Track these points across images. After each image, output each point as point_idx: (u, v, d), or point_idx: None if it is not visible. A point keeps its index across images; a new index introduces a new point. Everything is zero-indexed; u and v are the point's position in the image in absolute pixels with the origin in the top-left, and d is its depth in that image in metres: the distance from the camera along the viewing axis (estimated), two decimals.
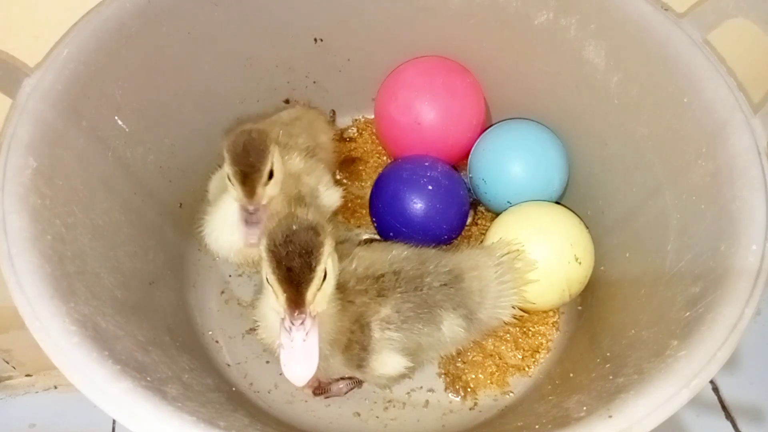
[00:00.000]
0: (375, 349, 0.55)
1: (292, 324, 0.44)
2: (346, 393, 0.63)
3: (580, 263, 0.63)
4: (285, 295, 0.45)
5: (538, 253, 0.62)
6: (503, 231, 0.65)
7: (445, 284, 0.57)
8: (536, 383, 0.64)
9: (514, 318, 0.63)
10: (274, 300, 0.46)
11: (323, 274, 0.46)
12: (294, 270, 0.45)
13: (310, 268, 0.45)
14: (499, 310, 0.61)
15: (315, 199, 0.62)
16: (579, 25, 0.59)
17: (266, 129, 0.57)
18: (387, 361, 0.55)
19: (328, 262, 0.46)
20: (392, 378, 0.58)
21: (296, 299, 0.45)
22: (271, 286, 0.46)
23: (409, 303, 0.56)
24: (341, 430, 0.62)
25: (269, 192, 0.55)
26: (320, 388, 0.63)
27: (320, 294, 0.46)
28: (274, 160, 0.55)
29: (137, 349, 0.47)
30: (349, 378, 0.63)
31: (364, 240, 0.71)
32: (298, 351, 0.44)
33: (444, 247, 0.65)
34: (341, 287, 0.54)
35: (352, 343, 0.54)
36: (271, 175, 0.55)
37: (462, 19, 0.66)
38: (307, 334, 0.44)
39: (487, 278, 0.60)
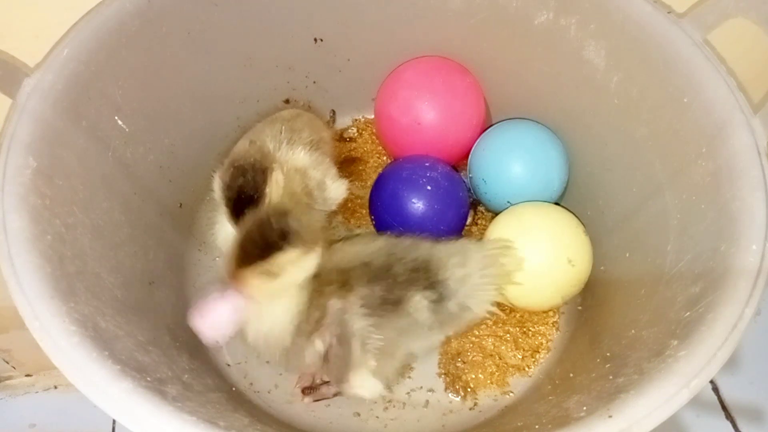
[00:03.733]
0: (354, 365, 0.55)
1: (225, 291, 0.50)
2: (333, 395, 0.63)
3: (573, 266, 0.62)
4: (230, 265, 0.50)
5: (529, 255, 0.62)
6: (498, 232, 0.65)
7: (412, 269, 0.57)
8: (536, 383, 0.64)
9: (491, 313, 0.62)
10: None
11: (274, 272, 0.50)
12: (246, 249, 0.49)
13: (261, 258, 0.49)
14: (474, 301, 0.59)
15: (322, 192, 0.63)
16: (579, 25, 0.59)
17: (264, 163, 0.57)
18: (364, 383, 0.56)
19: (286, 265, 0.50)
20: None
21: (236, 275, 0.49)
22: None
23: (377, 291, 0.55)
24: (341, 430, 0.62)
25: None
26: (310, 388, 0.63)
27: (265, 284, 0.50)
28: (272, 190, 0.56)
29: (137, 349, 0.47)
30: None
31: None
32: (218, 312, 0.50)
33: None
34: (317, 276, 0.55)
35: (334, 357, 0.54)
36: None
37: (462, 19, 0.66)
38: (230, 305, 0.50)
39: (471, 267, 0.59)
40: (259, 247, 0.49)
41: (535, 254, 0.62)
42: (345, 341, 0.54)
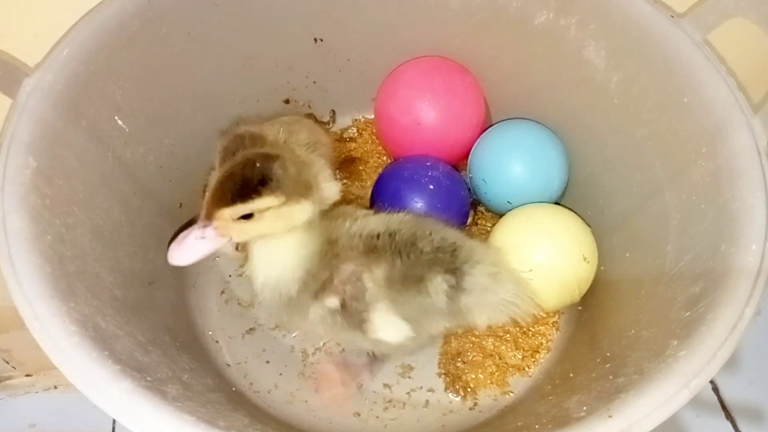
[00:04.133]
0: (371, 300, 0.54)
1: (201, 225, 0.50)
2: (372, 372, 0.64)
3: (588, 262, 0.63)
4: (208, 203, 0.49)
5: (547, 255, 0.62)
6: (508, 234, 0.65)
7: (438, 248, 0.55)
8: (536, 383, 0.64)
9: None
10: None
11: (249, 213, 0.48)
12: (225, 188, 0.48)
13: (240, 200, 0.48)
14: (480, 313, 0.57)
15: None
16: (579, 25, 0.59)
17: (263, 135, 0.57)
18: (386, 321, 0.54)
19: (264, 212, 0.49)
20: (395, 347, 0.56)
21: (213, 214, 0.49)
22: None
23: (399, 267, 0.54)
24: (341, 430, 0.62)
25: None
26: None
27: (240, 227, 0.49)
28: None
29: (137, 349, 0.47)
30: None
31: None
32: (189, 243, 0.50)
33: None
34: (333, 242, 0.55)
35: (348, 299, 0.54)
36: None
37: (462, 19, 0.66)
38: (203, 237, 0.50)
39: (497, 289, 0.57)
40: (238, 188, 0.48)
41: (554, 255, 0.62)
42: (358, 280, 0.54)
